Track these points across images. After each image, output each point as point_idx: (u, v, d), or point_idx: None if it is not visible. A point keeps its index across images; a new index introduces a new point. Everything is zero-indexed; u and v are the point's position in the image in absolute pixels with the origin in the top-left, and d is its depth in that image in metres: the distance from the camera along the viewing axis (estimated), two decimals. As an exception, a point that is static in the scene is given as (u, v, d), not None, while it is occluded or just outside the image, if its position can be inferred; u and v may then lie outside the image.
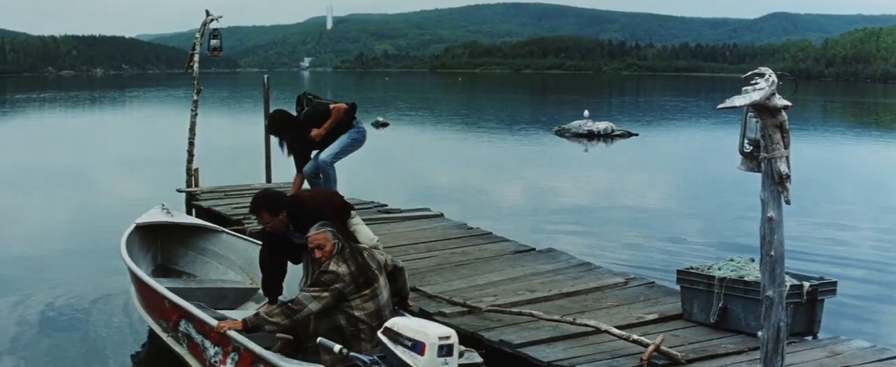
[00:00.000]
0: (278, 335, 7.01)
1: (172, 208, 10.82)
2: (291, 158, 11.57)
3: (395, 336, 5.47)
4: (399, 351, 5.43)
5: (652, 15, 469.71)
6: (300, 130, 11.66)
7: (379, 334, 5.62)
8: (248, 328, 6.61)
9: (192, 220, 10.96)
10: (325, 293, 6.50)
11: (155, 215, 10.44)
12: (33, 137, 39.60)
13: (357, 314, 6.55)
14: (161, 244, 10.37)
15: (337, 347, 5.83)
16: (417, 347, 5.35)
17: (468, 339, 7.72)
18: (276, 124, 11.66)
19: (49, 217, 17.81)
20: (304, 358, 6.44)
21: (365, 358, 5.66)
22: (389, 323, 5.60)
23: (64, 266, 12.87)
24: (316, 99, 11.80)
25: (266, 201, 7.92)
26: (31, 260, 13.32)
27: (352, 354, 5.75)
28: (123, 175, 24.83)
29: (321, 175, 12.04)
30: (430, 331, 5.41)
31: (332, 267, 6.56)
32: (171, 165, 18.33)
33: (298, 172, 11.50)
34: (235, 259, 8.82)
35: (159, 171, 22.98)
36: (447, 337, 5.40)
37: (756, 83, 5.00)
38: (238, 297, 8.84)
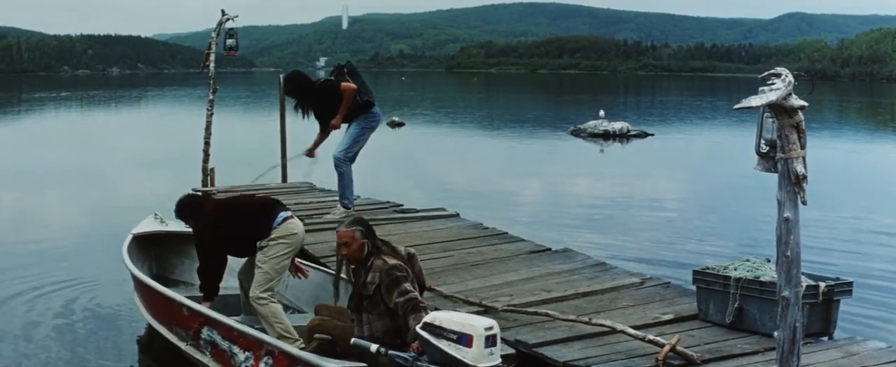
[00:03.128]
0: (316, 335, 6.98)
1: (165, 216, 10.76)
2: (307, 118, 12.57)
3: (438, 331, 5.42)
4: (443, 345, 5.37)
5: (667, 15, 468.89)
6: (315, 99, 12.08)
7: (418, 329, 5.59)
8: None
9: (186, 228, 10.93)
10: (410, 285, 6.59)
11: (148, 225, 10.39)
12: (51, 135, 39.76)
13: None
14: (155, 254, 10.30)
15: (374, 347, 5.79)
16: (464, 339, 5.32)
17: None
18: (291, 87, 12.18)
19: (64, 215, 17.88)
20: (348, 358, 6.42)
21: (405, 355, 5.63)
22: (429, 318, 5.56)
23: (77, 266, 12.84)
24: (354, 72, 12.36)
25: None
26: (43, 259, 13.31)
27: (390, 353, 5.72)
28: (139, 174, 24.91)
29: (338, 174, 12.34)
30: (477, 323, 5.39)
31: (393, 261, 6.64)
32: (187, 164, 18.36)
33: (321, 130, 12.50)
34: (234, 265, 8.77)
35: (175, 170, 23.03)
36: (491, 327, 5.39)
37: (772, 83, 5.01)
38: (241, 303, 8.80)
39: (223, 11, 16.26)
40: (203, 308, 7.76)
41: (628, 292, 9.30)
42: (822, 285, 7.69)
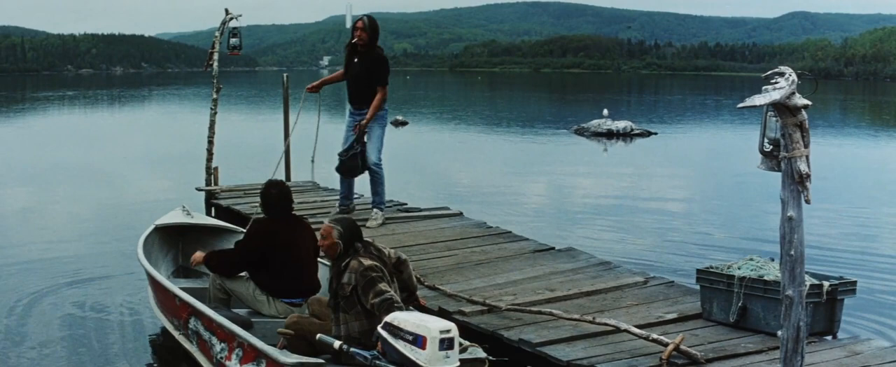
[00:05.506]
0: (280, 330, 7.12)
1: (193, 209, 10.88)
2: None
3: (396, 331, 5.51)
4: (400, 345, 5.47)
5: (671, 14, 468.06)
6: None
7: (379, 329, 5.66)
8: None
9: (213, 221, 10.99)
10: (386, 286, 6.60)
11: (175, 217, 10.51)
12: (55, 134, 39.78)
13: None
14: (182, 246, 10.43)
15: (337, 343, 5.88)
16: (418, 341, 5.40)
17: (487, 338, 7.75)
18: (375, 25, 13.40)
19: (69, 214, 17.89)
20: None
21: (365, 353, 5.69)
22: (389, 318, 5.64)
23: (81, 263, 12.90)
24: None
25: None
26: (49, 257, 13.34)
27: (352, 350, 5.78)
28: (143, 173, 24.92)
29: (372, 176, 12.39)
30: (431, 325, 5.47)
31: (368, 263, 6.66)
32: (191, 163, 18.38)
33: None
34: None
35: (178, 169, 23.09)
36: (448, 331, 5.46)
37: (776, 82, 5.00)
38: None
39: (227, 10, 16.23)
40: (192, 299, 7.83)
41: (632, 292, 9.30)
42: (826, 284, 7.68)
